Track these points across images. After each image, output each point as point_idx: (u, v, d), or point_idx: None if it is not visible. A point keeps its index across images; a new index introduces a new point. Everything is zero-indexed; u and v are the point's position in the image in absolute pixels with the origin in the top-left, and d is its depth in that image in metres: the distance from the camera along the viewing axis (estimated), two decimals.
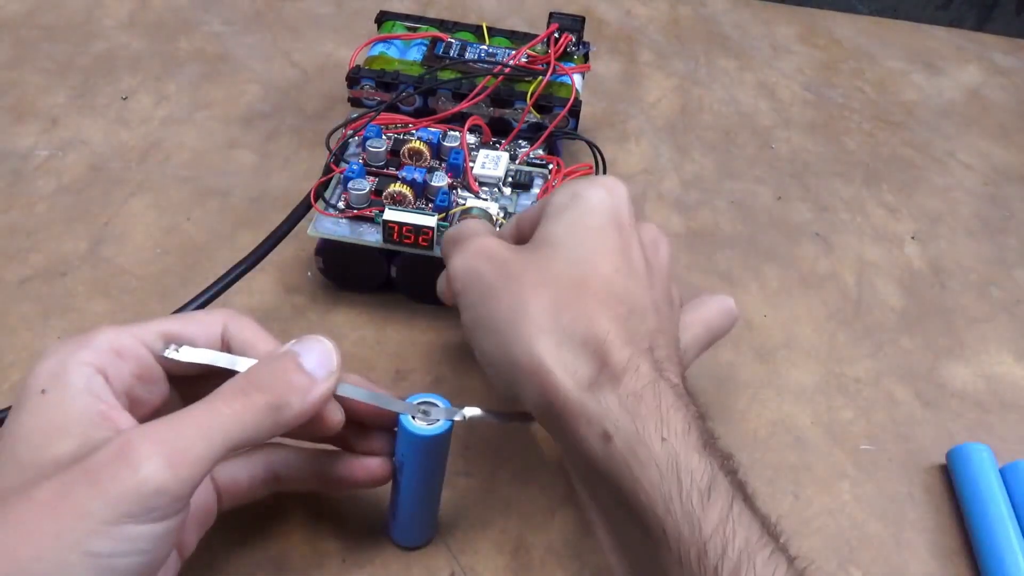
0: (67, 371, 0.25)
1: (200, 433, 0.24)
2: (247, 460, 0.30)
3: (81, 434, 0.24)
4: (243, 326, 0.29)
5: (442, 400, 0.29)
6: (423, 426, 0.28)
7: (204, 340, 0.28)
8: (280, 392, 0.26)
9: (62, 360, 0.25)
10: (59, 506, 0.22)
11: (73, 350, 0.26)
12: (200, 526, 0.29)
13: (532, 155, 0.44)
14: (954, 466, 0.37)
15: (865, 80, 0.61)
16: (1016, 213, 0.52)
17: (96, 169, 0.47)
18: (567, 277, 0.28)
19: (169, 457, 0.23)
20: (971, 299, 0.46)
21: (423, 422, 0.28)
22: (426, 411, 0.28)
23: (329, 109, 0.52)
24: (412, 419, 0.28)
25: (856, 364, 0.42)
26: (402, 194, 0.39)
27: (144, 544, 0.23)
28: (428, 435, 0.28)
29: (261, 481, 0.30)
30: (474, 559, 0.32)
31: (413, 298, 0.41)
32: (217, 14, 0.59)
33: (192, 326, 0.28)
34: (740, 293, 0.44)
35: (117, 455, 0.23)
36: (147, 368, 0.27)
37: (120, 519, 0.22)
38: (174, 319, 0.28)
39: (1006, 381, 0.42)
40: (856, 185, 0.52)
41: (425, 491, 0.31)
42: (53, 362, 0.25)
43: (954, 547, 0.35)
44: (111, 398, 0.26)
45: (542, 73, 0.45)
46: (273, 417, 0.25)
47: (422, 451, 0.29)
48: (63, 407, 0.25)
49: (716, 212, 0.49)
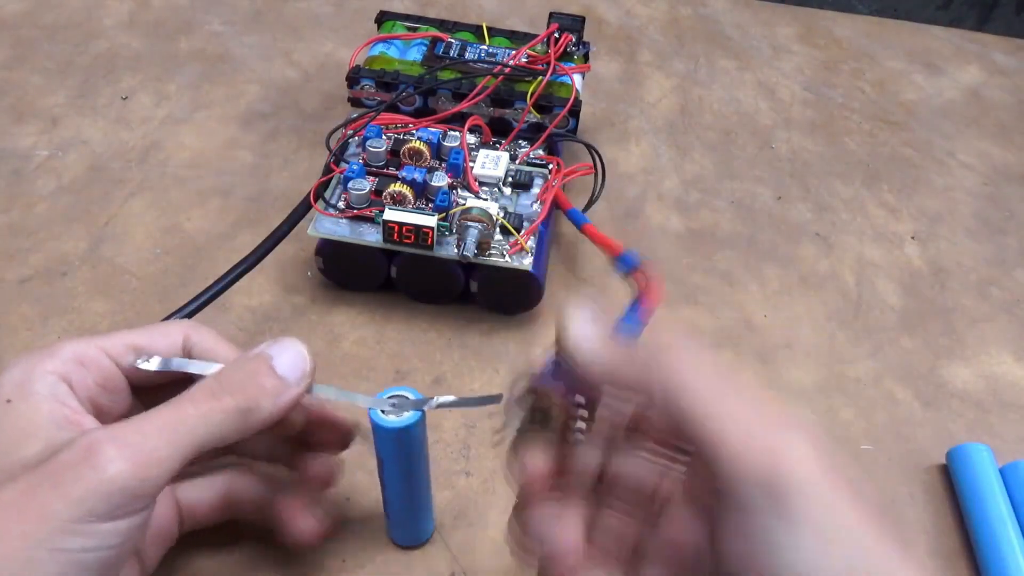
0: (31, 380, 0.26)
1: (166, 434, 0.24)
2: (210, 483, 0.30)
3: (46, 437, 0.24)
4: (204, 336, 0.29)
5: (413, 392, 0.29)
6: (393, 419, 0.28)
7: (166, 351, 0.28)
8: (251, 395, 0.26)
9: (26, 370, 0.26)
10: (25, 507, 0.22)
11: (37, 361, 0.26)
12: (161, 544, 0.29)
13: (532, 155, 0.44)
14: (954, 466, 0.37)
15: (865, 80, 0.61)
16: (1016, 213, 0.52)
17: (96, 169, 0.47)
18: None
19: (134, 458, 0.23)
20: (971, 299, 0.46)
21: (393, 415, 0.28)
22: (397, 404, 0.28)
23: (329, 109, 0.52)
24: (382, 413, 0.28)
25: (856, 364, 0.42)
26: (402, 194, 0.39)
27: (111, 539, 0.23)
28: (398, 427, 0.28)
29: (221, 505, 0.30)
30: (474, 559, 0.32)
31: (413, 298, 0.41)
32: (217, 14, 0.59)
33: (154, 337, 0.28)
34: (740, 293, 0.44)
35: (82, 456, 0.23)
36: (110, 378, 0.27)
37: (85, 517, 0.22)
38: (135, 331, 0.29)
39: (1006, 381, 0.42)
40: (856, 185, 0.52)
41: (410, 484, 0.31)
42: (17, 372, 0.26)
43: (954, 547, 0.35)
44: (76, 404, 0.26)
45: (542, 73, 0.45)
46: (242, 420, 0.25)
47: (395, 444, 0.29)
48: (28, 414, 0.25)
49: (716, 212, 0.49)
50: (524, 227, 0.40)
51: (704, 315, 0.43)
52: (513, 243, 0.39)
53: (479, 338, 0.40)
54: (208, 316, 0.37)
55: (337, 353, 0.39)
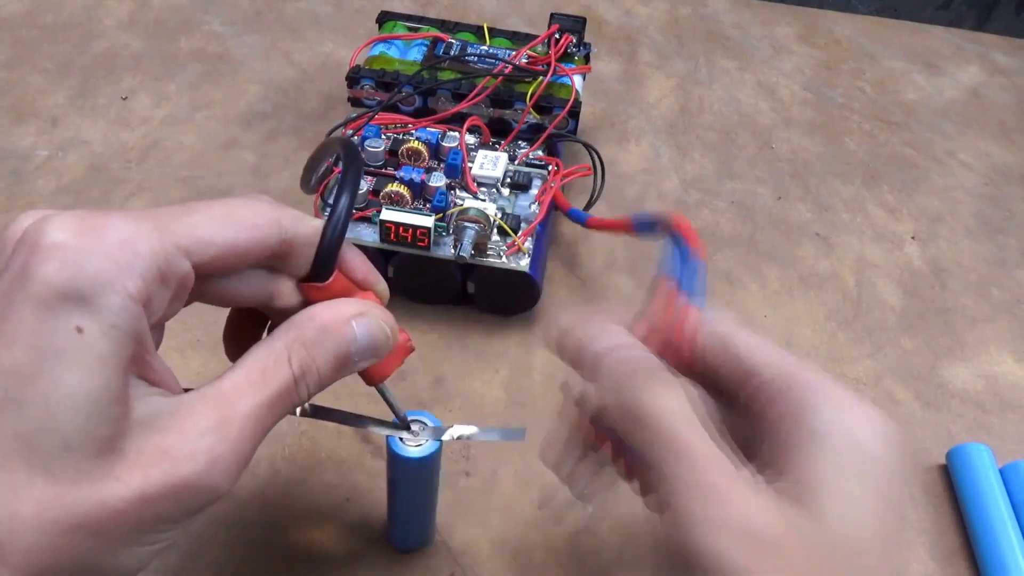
0: (110, 305, 0.19)
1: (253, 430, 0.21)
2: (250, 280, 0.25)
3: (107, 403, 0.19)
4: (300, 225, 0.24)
5: (431, 418, 0.28)
6: (412, 450, 0.27)
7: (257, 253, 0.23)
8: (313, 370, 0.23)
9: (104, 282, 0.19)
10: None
11: (119, 271, 0.19)
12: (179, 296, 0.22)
13: (531, 156, 0.44)
14: (954, 466, 0.37)
15: (865, 80, 0.61)
16: (1016, 213, 0.52)
17: (96, 169, 0.47)
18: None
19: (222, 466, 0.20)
20: (971, 299, 0.46)
21: (412, 445, 0.27)
22: (416, 432, 0.28)
23: (329, 109, 0.52)
24: (401, 441, 0.28)
25: (856, 364, 0.42)
26: (400, 194, 0.39)
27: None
28: (417, 457, 0.27)
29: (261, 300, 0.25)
30: (474, 559, 0.32)
31: (410, 298, 0.41)
32: (217, 14, 0.59)
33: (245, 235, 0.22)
34: (740, 293, 0.44)
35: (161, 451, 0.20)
36: (184, 287, 0.21)
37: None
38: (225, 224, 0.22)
39: (1006, 381, 0.42)
40: (856, 185, 0.52)
41: (419, 504, 0.31)
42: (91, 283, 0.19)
43: (954, 547, 0.35)
44: (150, 341, 0.21)
45: (542, 74, 0.45)
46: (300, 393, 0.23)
47: (413, 472, 0.28)
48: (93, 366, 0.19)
49: (716, 212, 0.49)
50: (522, 228, 0.40)
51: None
52: (510, 244, 0.39)
53: (479, 339, 0.40)
54: (207, 314, 0.37)
55: None
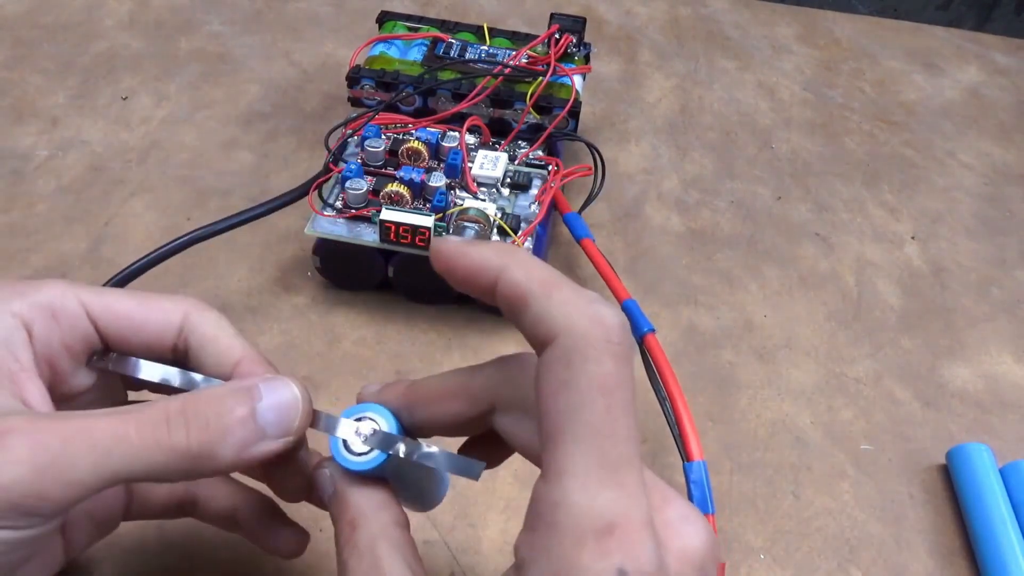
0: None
1: (94, 454, 0.20)
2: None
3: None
4: (206, 320, 0.25)
5: (386, 415, 0.23)
6: (352, 458, 0.23)
7: (156, 327, 0.24)
8: (211, 438, 0.21)
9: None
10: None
11: (8, 296, 0.23)
12: (97, 528, 0.25)
13: (531, 156, 0.44)
14: (954, 466, 0.37)
15: (865, 80, 0.61)
16: (1016, 213, 0.52)
17: (96, 169, 0.47)
18: None
19: (43, 471, 0.19)
20: (971, 299, 0.46)
21: (356, 450, 0.23)
22: (366, 437, 0.23)
23: (329, 109, 0.52)
24: (343, 447, 0.23)
25: (856, 364, 0.42)
26: (399, 194, 0.39)
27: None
28: (356, 469, 0.23)
29: (178, 501, 0.27)
30: (474, 559, 0.32)
31: (410, 298, 0.41)
32: (217, 14, 0.59)
33: (149, 308, 0.24)
34: (740, 293, 0.44)
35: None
36: (81, 340, 0.24)
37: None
38: (129, 296, 0.25)
39: (1006, 381, 0.42)
40: (856, 185, 0.52)
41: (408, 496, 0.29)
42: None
43: (954, 547, 0.35)
44: (27, 359, 0.22)
45: (542, 74, 0.45)
46: (191, 464, 0.21)
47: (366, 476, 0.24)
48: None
49: (716, 212, 0.49)
50: (522, 228, 0.40)
51: (704, 315, 0.43)
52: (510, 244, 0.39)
53: (479, 338, 0.40)
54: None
55: (337, 353, 0.39)
